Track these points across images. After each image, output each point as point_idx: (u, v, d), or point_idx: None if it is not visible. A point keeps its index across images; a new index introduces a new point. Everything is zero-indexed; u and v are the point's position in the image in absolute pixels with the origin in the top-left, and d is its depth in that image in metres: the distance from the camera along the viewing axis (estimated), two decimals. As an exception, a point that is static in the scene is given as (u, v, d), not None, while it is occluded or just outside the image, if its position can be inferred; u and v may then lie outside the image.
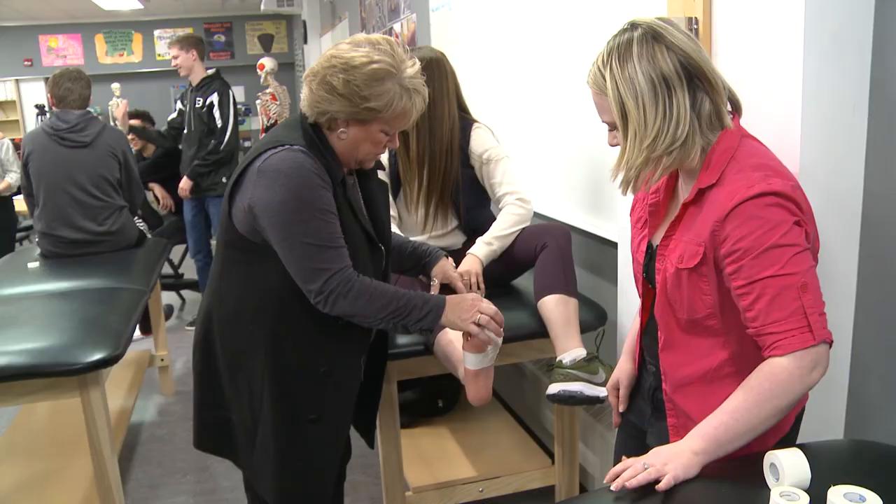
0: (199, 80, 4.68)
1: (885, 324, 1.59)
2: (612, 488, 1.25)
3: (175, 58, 4.66)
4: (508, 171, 2.51)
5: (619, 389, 1.72)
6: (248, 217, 1.69)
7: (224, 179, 4.65)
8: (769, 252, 1.24)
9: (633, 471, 1.25)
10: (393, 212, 2.53)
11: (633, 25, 1.36)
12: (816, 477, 1.19)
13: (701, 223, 1.34)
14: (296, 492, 1.87)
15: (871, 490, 1.13)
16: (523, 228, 2.42)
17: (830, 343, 1.26)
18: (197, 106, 4.63)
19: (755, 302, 1.26)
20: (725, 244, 1.28)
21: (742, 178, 1.29)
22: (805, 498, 1.13)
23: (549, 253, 2.31)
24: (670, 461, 1.25)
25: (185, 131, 4.77)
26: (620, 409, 1.73)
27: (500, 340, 1.87)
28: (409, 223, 2.60)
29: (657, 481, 1.23)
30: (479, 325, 1.79)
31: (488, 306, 1.81)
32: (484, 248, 2.37)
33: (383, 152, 1.81)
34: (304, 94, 1.73)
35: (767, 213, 1.25)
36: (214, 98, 4.59)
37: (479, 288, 2.29)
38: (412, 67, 1.69)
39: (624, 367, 1.72)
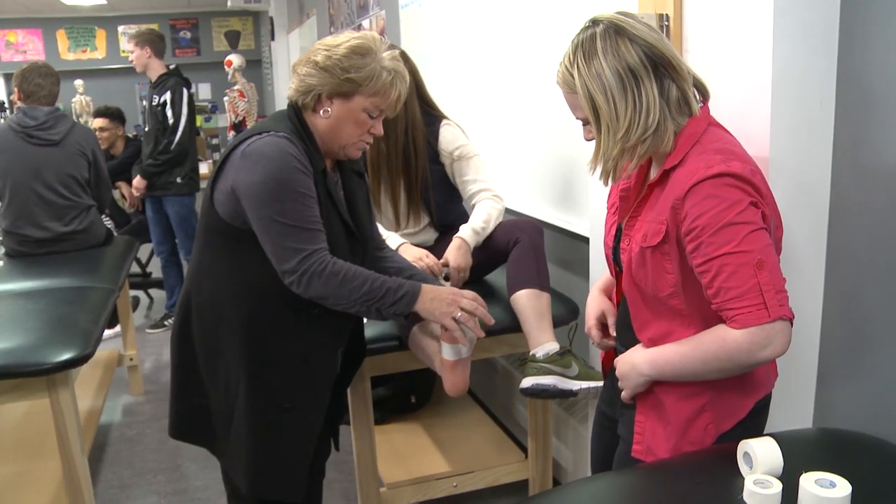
0: (156, 78, 4.63)
1: (852, 315, 1.62)
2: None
3: (131, 52, 4.62)
4: (481, 169, 2.52)
5: (603, 324, 1.69)
6: (231, 200, 1.71)
7: (178, 179, 4.61)
8: (725, 229, 1.27)
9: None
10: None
11: (594, 22, 1.39)
12: (788, 464, 1.21)
13: (663, 202, 1.37)
14: (268, 480, 1.87)
15: (841, 476, 1.16)
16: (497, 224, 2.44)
17: (791, 320, 1.29)
18: (153, 104, 4.58)
19: (714, 279, 1.29)
20: (685, 222, 1.32)
21: (703, 160, 1.33)
22: (778, 485, 1.16)
23: (522, 248, 2.32)
24: (622, 380, 1.50)
25: (146, 129, 4.73)
26: (613, 333, 1.69)
27: (475, 304, 1.88)
28: (381, 221, 2.60)
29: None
30: (456, 320, 1.80)
31: (469, 302, 1.82)
32: (471, 234, 2.38)
33: (368, 140, 1.81)
34: (292, 81, 1.77)
35: (724, 192, 1.28)
36: (167, 96, 4.53)
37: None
38: (391, 52, 1.77)
39: (604, 301, 1.69)
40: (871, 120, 1.52)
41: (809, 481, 1.15)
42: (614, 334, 1.66)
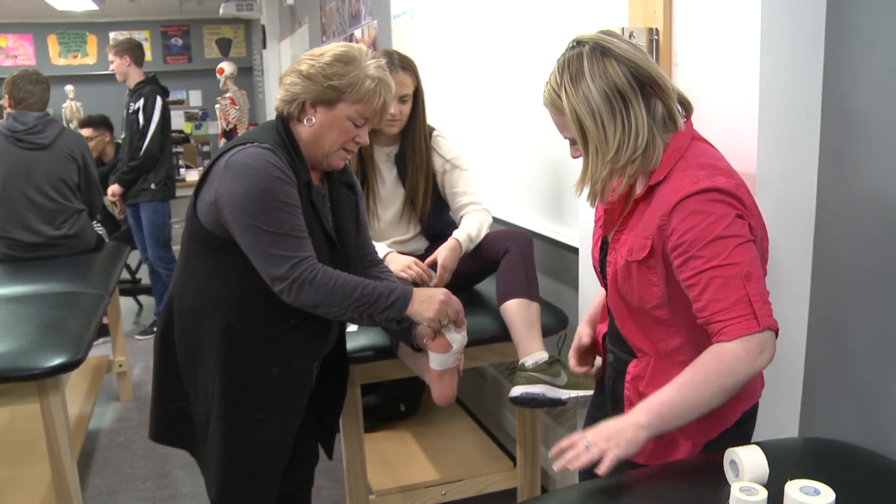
0: (133, 85, 4.66)
1: (837, 326, 1.65)
2: (554, 468, 1.28)
3: (111, 62, 4.67)
4: (471, 182, 2.55)
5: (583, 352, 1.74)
6: (213, 210, 1.70)
7: (153, 185, 4.61)
8: (713, 243, 1.28)
9: (575, 451, 1.26)
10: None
11: (579, 42, 1.39)
12: (774, 472, 1.23)
13: (649, 217, 1.38)
14: (236, 490, 1.88)
15: (826, 484, 1.18)
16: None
17: (776, 331, 1.30)
18: (130, 112, 4.61)
19: (702, 292, 1.30)
20: (672, 237, 1.33)
21: (688, 175, 1.34)
22: (763, 492, 1.18)
23: (512, 258, 2.34)
24: (613, 438, 1.26)
25: (122, 136, 4.75)
26: (572, 364, 1.75)
27: (464, 340, 1.90)
28: (373, 228, 2.62)
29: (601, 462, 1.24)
30: (442, 323, 1.82)
31: (455, 311, 1.83)
32: (466, 238, 2.40)
33: (353, 149, 1.81)
34: (278, 92, 1.78)
35: (710, 207, 1.30)
36: (140, 103, 4.55)
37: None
38: (376, 61, 1.76)
39: (583, 329, 1.74)
40: (856, 135, 1.55)
41: (794, 489, 1.17)
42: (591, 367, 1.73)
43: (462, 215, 2.52)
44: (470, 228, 2.43)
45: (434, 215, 2.61)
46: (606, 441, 1.26)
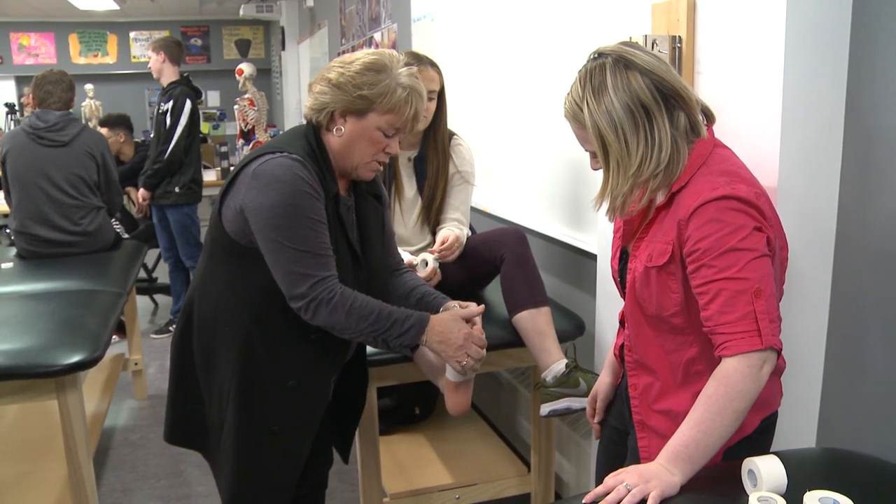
0: (167, 84, 4.65)
1: (855, 337, 1.64)
2: None
3: (149, 58, 4.68)
4: (469, 200, 2.56)
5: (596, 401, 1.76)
6: (238, 218, 1.68)
7: (176, 189, 4.61)
8: (727, 255, 1.27)
9: (616, 493, 1.24)
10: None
11: (601, 54, 1.38)
12: (792, 483, 1.22)
13: (668, 223, 1.38)
14: (248, 499, 1.87)
15: (844, 495, 1.17)
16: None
17: (779, 351, 1.29)
18: (159, 111, 4.61)
19: (710, 302, 1.29)
20: (688, 243, 1.32)
21: (708, 182, 1.33)
22: (782, 503, 1.17)
23: (508, 266, 2.33)
24: (653, 479, 1.25)
25: (151, 135, 4.76)
26: (596, 420, 1.77)
27: (483, 353, 1.90)
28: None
29: (643, 501, 1.23)
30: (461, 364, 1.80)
31: (477, 350, 1.80)
32: (459, 231, 2.42)
33: (383, 160, 1.77)
34: (307, 98, 1.76)
35: (728, 216, 1.29)
36: (169, 105, 4.53)
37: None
38: (408, 69, 1.72)
39: (603, 381, 1.76)
40: (879, 149, 1.54)
41: (813, 500, 1.16)
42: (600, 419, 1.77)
43: (441, 228, 2.52)
44: (457, 230, 2.46)
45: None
46: (647, 482, 1.24)
